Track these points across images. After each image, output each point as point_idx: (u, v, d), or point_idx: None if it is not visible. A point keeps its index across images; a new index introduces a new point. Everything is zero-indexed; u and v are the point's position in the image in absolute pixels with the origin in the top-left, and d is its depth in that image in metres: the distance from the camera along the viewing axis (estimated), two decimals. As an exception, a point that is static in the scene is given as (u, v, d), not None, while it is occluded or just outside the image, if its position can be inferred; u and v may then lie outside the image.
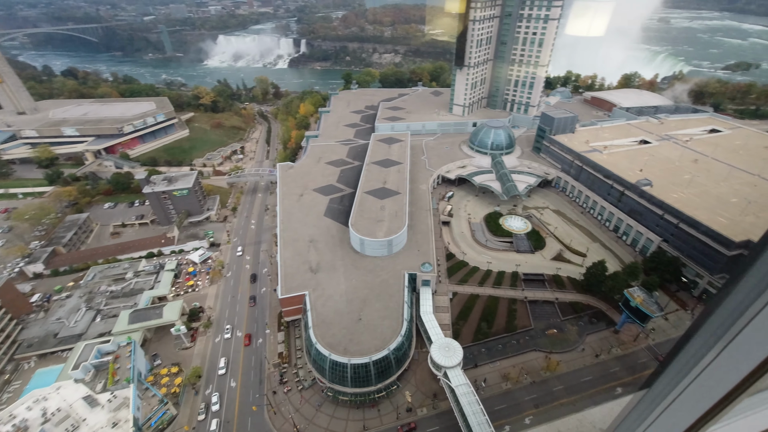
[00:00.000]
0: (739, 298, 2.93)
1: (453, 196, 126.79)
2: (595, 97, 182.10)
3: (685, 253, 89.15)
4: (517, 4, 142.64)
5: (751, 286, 2.81)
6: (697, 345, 3.44)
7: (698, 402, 3.47)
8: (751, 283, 2.82)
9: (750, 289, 2.82)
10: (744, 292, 2.87)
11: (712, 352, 3.25)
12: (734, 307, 2.96)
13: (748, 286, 2.84)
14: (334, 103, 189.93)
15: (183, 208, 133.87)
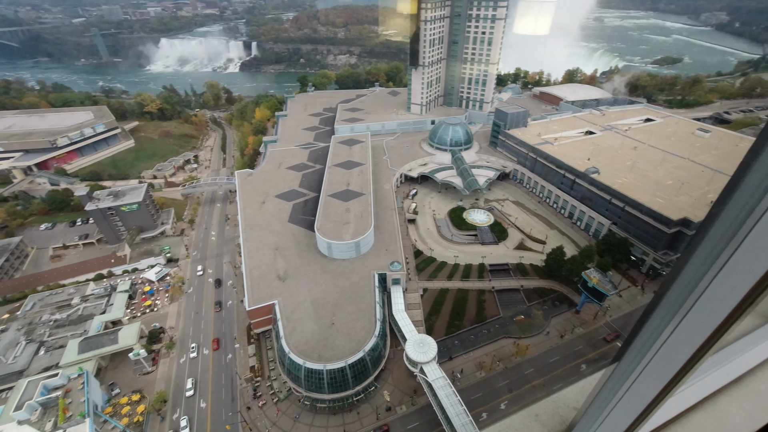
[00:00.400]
0: (692, 271, 3.28)
1: (417, 193, 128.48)
2: (543, 93, 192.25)
3: (632, 233, 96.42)
4: (465, 5, 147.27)
5: (701, 260, 3.20)
6: (660, 316, 3.77)
7: (666, 367, 3.77)
8: (701, 258, 3.20)
9: (701, 263, 3.20)
10: (696, 264, 3.25)
11: (674, 321, 3.56)
12: (690, 277, 3.33)
13: (699, 260, 3.23)
14: (291, 107, 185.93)
15: (133, 224, 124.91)
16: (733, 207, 3.00)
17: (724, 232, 3.09)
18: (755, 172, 3.05)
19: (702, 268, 3.23)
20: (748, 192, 2.98)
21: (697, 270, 3.27)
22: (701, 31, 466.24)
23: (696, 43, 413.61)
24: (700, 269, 3.24)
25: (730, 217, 3.02)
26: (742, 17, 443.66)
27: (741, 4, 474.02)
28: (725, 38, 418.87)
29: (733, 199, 3.00)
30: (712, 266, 3.15)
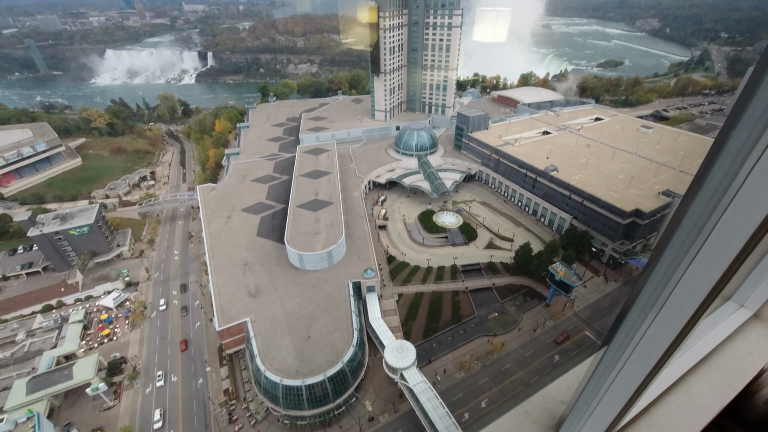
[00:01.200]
0: (668, 262, 3.52)
1: (386, 199, 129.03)
2: (501, 96, 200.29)
3: (591, 226, 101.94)
4: (422, 13, 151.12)
5: (675, 251, 3.45)
6: (641, 304, 3.95)
7: (652, 352, 3.95)
8: (675, 249, 3.45)
9: (675, 254, 3.45)
10: (670, 255, 3.48)
11: (654, 308, 3.75)
12: (666, 267, 3.54)
13: (673, 251, 3.48)
14: (253, 118, 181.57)
15: (85, 248, 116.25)
16: (701, 200, 3.22)
17: (694, 225, 3.29)
18: (716, 171, 3.28)
19: (675, 260, 3.45)
20: (711, 188, 3.20)
21: (672, 261, 3.49)
22: (637, 36, 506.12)
23: (634, 47, 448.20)
24: (674, 261, 3.46)
25: (699, 209, 3.23)
26: (671, 23, 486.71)
27: (669, 12, 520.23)
28: (658, 42, 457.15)
29: (699, 195, 3.23)
30: (684, 257, 3.38)
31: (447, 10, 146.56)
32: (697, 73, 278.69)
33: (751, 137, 3.14)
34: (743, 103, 3.43)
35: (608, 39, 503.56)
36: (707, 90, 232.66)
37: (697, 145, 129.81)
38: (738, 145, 3.27)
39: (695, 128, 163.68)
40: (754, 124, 3.24)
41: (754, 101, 3.23)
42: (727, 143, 3.29)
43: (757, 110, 3.20)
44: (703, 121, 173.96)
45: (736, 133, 3.25)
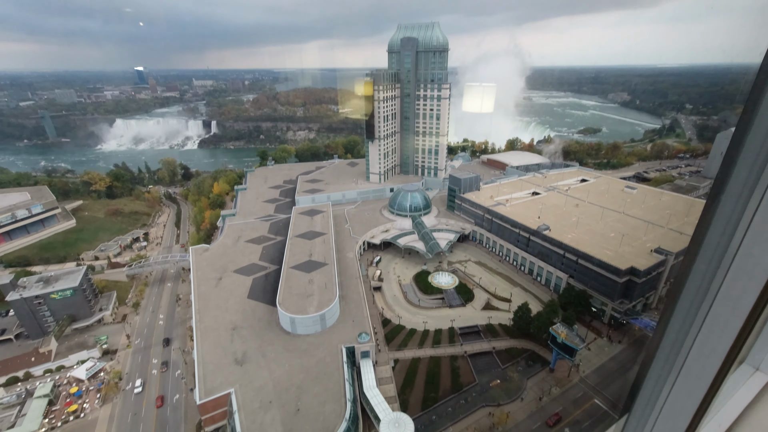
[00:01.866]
0: (681, 318, 3.53)
1: (381, 260, 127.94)
2: (490, 159, 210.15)
3: (589, 285, 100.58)
4: (413, 87, 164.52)
5: (683, 316, 3.51)
6: (662, 360, 3.83)
7: (683, 409, 3.75)
8: (683, 313, 3.51)
9: (683, 319, 3.51)
10: (684, 310, 3.53)
11: (677, 362, 3.66)
12: (677, 331, 3.63)
13: (681, 317, 3.53)
14: (251, 180, 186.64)
15: (65, 312, 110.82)
16: (701, 263, 3.30)
17: (699, 287, 3.32)
18: (711, 234, 3.35)
19: (686, 323, 3.46)
20: (710, 250, 3.27)
21: (682, 324, 3.50)
22: (610, 107, 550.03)
23: (609, 116, 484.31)
24: (684, 324, 3.46)
25: (700, 272, 3.30)
26: (640, 96, 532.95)
27: (637, 86, 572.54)
28: (630, 112, 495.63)
29: (699, 257, 3.32)
30: (694, 320, 3.40)
31: (436, 84, 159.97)
32: (670, 139, 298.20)
33: (740, 202, 3.23)
34: (727, 168, 3.59)
35: (585, 109, 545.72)
36: (681, 154, 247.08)
37: (681, 204, 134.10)
38: (729, 209, 3.33)
39: (676, 188, 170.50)
40: (741, 189, 3.33)
41: (737, 167, 3.38)
42: (718, 207, 3.36)
43: (742, 174, 3.33)
44: (683, 182, 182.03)
45: (725, 197, 3.34)
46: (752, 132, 3.35)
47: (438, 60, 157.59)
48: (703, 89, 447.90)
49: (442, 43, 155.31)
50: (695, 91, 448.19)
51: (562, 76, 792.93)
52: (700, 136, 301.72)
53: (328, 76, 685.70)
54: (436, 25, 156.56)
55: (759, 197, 3.12)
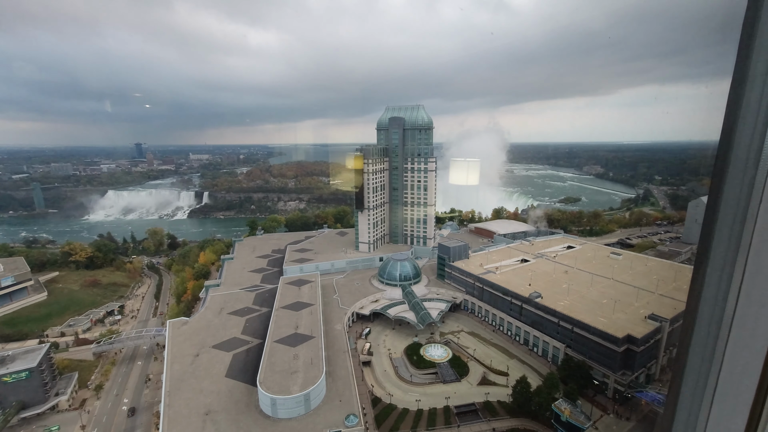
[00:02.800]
0: (689, 394, 3.47)
1: (370, 332, 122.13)
2: (478, 228, 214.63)
3: (587, 355, 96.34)
4: (401, 160, 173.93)
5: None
6: None
7: None
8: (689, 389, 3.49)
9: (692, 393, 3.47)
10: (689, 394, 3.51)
11: None
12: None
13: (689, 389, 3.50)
14: (239, 250, 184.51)
15: (16, 398, 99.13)
16: (699, 333, 3.33)
17: (701, 361, 3.31)
18: (703, 306, 3.45)
19: (695, 401, 3.37)
20: (705, 320, 3.34)
21: (692, 403, 3.39)
22: (586, 178, 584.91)
23: (586, 186, 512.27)
24: (694, 403, 3.36)
25: (701, 343, 3.33)
26: (612, 169, 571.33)
27: (608, 160, 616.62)
28: (606, 183, 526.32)
29: (696, 328, 3.37)
30: (703, 397, 3.29)
31: (423, 158, 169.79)
32: (646, 207, 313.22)
33: (725, 270, 3.39)
34: (707, 238, 3.82)
35: (563, 180, 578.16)
36: (659, 221, 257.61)
37: (667, 269, 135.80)
38: (716, 278, 3.47)
39: (660, 254, 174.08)
40: (723, 256, 3.52)
41: (716, 236, 3.60)
42: (706, 278, 3.50)
43: (722, 242, 3.53)
44: (665, 247, 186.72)
45: (711, 268, 3.51)
46: (723, 201, 3.57)
47: (424, 137, 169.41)
48: (668, 163, 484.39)
49: (427, 122, 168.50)
50: (662, 164, 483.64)
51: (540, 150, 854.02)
52: (673, 204, 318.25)
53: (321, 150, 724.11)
54: (421, 107, 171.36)
55: (743, 263, 3.23)
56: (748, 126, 3.41)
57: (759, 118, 3.34)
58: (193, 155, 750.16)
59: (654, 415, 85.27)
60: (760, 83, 3.30)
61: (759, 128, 3.36)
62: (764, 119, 3.34)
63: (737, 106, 3.42)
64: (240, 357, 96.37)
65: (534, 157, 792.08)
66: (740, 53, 3.42)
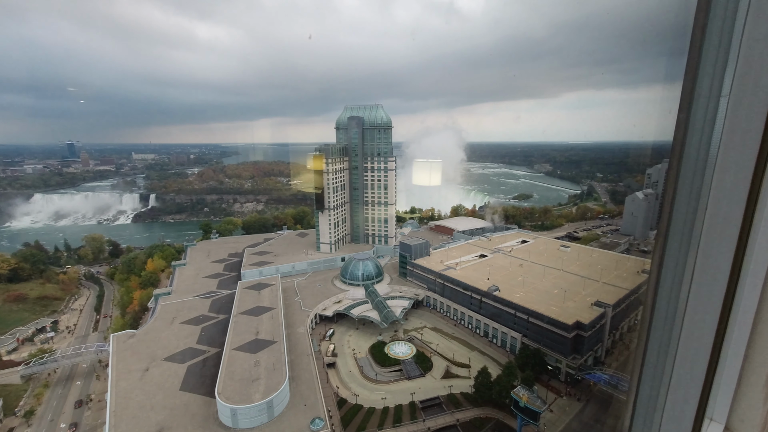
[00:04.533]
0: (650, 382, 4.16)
1: (334, 333, 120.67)
2: (438, 225, 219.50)
3: (542, 343, 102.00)
4: (361, 160, 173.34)
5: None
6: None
7: None
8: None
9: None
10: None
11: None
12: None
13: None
14: (192, 255, 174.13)
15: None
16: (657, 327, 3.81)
17: (659, 350, 3.88)
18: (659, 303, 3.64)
19: (654, 387, 3.91)
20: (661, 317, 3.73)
21: (651, 388, 3.95)
22: (538, 176, 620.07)
23: (537, 184, 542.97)
24: (653, 388, 3.91)
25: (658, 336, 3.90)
26: (560, 167, 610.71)
27: (556, 159, 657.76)
28: (554, 180, 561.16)
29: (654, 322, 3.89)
30: (661, 382, 3.82)
31: (382, 157, 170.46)
32: (590, 202, 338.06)
33: (680, 256, 3.56)
34: (664, 232, 3.96)
35: (516, 178, 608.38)
36: (601, 215, 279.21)
37: (609, 259, 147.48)
38: (672, 268, 3.74)
39: (603, 245, 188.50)
40: (678, 245, 3.65)
41: (671, 229, 3.73)
42: (662, 268, 3.66)
43: (676, 235, 3.69)
44: (607, 239, 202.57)
45: (668, 258, 3.66)
46: (677, 198, 3.72)
47: (383, 136, 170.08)
48: (607, 161, 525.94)
49: (386, 122, 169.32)
50: (602, 163, 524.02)
51: (494, 149, 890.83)
52: (613, 199, 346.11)
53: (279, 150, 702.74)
54: (380, 107, 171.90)
55: (694, 254, 3.48)
56: (696, 129, 3.60)
57: (707, 119, 3.53)
58: (137, 155, 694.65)
59: (601, 394, 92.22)
60: (707, 87, 3.48)
61: (706, 130, 3.54)
62: (710, 121, 3.49)
63: (688, 108, 3.61)
64: (196, 368, 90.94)
65: (489, 156, 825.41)
66: (690, 59, 3.62)
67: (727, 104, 3.28)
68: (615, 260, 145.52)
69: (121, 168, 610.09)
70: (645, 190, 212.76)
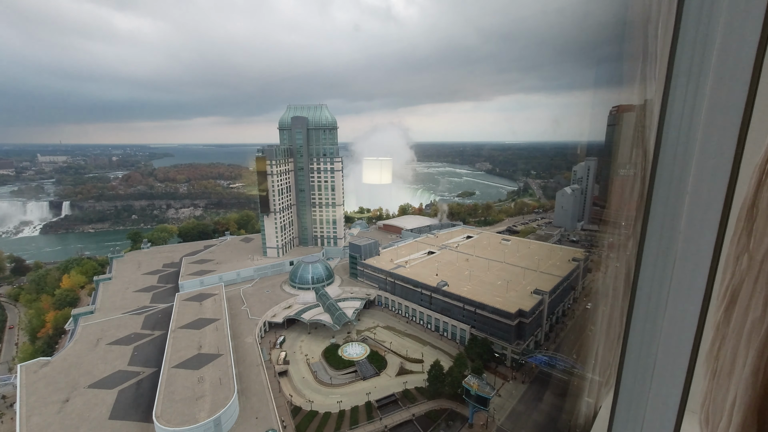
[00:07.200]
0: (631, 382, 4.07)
1: (285, 340, 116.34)
2: (386, 225, 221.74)
3: (488, 332, 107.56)
4: (306, 161, 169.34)
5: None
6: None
7: None
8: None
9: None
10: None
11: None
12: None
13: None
14: (118, 268, 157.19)
15: None
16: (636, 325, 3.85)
17: (640, 352, 3.91)
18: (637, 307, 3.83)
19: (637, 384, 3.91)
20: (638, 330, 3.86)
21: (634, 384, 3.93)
22: (479, 174, 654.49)
23: (479, 181, 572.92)
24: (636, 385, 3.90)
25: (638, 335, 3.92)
26: (498, 165, 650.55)
27: (494, 158, 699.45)
28: (494, 178, 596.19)
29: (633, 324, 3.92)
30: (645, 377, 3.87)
31: (329, 158, 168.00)
32: (526, 198, 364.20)
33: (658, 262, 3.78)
34: (643, 231, 4.04)
35: (459, 176, 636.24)
36: (536, 209, 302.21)
37: (545, 250, 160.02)
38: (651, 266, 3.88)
39: (539, 237, 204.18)
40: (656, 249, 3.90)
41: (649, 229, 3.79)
42: (640, 270, 3.90)
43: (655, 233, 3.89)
44: (542, 231, 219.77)
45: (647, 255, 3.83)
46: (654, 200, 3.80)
47: (329, 136, 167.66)
48: (540, 160, 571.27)
49: (331, 122, 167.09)
50: (536, 161, 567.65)
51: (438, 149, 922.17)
52: (545, 194, 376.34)
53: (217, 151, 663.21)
54: (324, 107, 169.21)
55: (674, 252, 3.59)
56: (670, 147, 3.67)
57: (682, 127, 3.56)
58: (44, 156, 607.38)
59: (543, 376, 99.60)
60: (682, 95, 3.53)
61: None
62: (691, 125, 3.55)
63: (665, 113, 3.64)
64: (128, 392, 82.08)
65: (433, 156, 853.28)
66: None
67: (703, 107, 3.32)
68: (549, 250, 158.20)
69: (23, 172, 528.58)
70: (572, 186, 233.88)
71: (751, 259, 2.45)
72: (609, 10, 5.62)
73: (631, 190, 5.00)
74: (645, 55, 4.39)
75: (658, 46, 4.02)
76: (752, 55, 2.94)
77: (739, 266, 2.55)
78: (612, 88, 7.43)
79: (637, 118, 4.96)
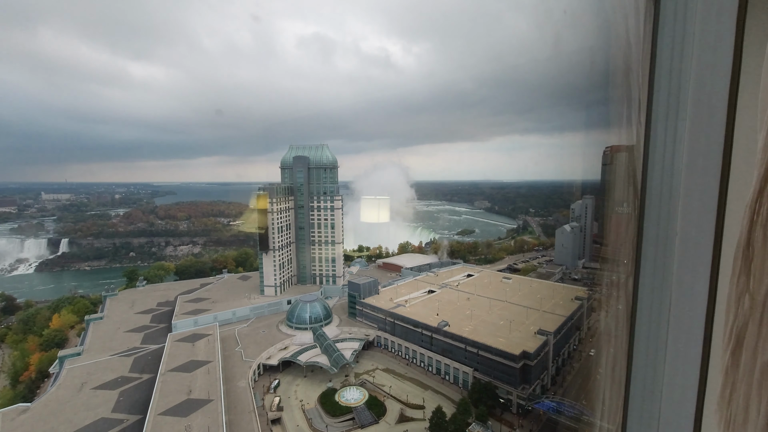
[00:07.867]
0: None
1: (279, 384, 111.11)
2: (386, 263, 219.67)
3: (492, 375, 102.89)
4: (306, 199, 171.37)
5: None
6: None
7: None
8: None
9: None
10: None
11: None
12: None
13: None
14: (111, 306, 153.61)
15: None
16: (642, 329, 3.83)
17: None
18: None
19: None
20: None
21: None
22: (478, 212, 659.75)
23: (478, 219, 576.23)
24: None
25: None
26: (497, 204, 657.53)
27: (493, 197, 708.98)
28: (493, 216, 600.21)
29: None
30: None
31: (329, 196, 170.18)
32: (526, 236, 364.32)
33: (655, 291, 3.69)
34: (638, 256, 4.15)
35: (459, 215, 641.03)
36: (536, 247, 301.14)
37: (547, 288, 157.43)
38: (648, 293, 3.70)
39: (540, 275, 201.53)
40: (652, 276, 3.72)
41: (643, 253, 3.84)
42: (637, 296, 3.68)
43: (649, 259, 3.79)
44: (543, 269, 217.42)
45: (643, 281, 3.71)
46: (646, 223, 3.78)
47: (329, 175, 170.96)
48: (538, 198, 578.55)
49: (331, 161, 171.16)
50: (534, 199, 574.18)
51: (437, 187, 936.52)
52: (545, 232, 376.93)
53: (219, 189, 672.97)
54: (325, 146, 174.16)
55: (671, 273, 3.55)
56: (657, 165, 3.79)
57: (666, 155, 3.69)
58: (47, 194, 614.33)
59: (550, 422, 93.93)
60: (662, 138, 3.69)
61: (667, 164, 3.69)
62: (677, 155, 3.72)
63: (647, 146, 3.77)
64: (110, 443, 76.96)
65: (432, 194, 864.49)
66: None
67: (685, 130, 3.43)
68: (552, 289, 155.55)
69: (25, 209, 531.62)
70: (571, 224, 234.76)
71: (753, 299, 2.41)
72: (596, 59, 6.10)
73: (626, 228, 5.03)
74: (629, 100, 4.60)
75: (640, 93, 4.22)
76: (725, 99, 3.07)
77: (741, 307, 2.49)
78: (603, 130, 7.75)
79: (628, 159, 5.08)
